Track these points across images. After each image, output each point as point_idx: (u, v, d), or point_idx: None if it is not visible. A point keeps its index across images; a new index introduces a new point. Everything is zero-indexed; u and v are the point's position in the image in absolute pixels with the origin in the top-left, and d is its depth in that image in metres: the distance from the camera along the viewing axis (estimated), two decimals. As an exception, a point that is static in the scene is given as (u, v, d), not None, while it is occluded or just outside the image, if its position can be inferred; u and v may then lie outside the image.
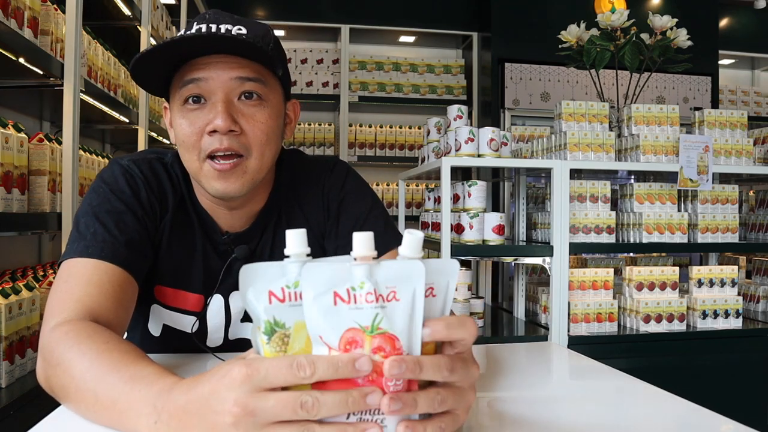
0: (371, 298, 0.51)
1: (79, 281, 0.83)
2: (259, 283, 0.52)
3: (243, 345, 1.06)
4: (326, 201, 1.07)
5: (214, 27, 0.89)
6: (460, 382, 0.55)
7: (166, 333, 1.03)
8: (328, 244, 1.06)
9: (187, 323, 1.02)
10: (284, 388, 0.51)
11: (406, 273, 0.52)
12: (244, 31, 0.90)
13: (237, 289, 1.00)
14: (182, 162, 0.97)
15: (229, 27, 0.89)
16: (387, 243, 1.01)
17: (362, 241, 0.53)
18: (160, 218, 0.98)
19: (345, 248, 1.02)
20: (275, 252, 1.04)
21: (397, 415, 0.51)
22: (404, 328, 0.52)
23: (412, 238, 0.55)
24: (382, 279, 0.52)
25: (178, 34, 0.91)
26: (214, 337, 1.04)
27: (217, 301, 1.03)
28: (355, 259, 0.53)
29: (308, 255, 0.54)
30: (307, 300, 0.51)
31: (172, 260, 1.00)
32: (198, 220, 1.02)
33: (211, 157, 0.90)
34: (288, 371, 0.50)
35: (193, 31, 0.89)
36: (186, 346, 1.00)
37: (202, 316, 1.02)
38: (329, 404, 0.49)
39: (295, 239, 0.54)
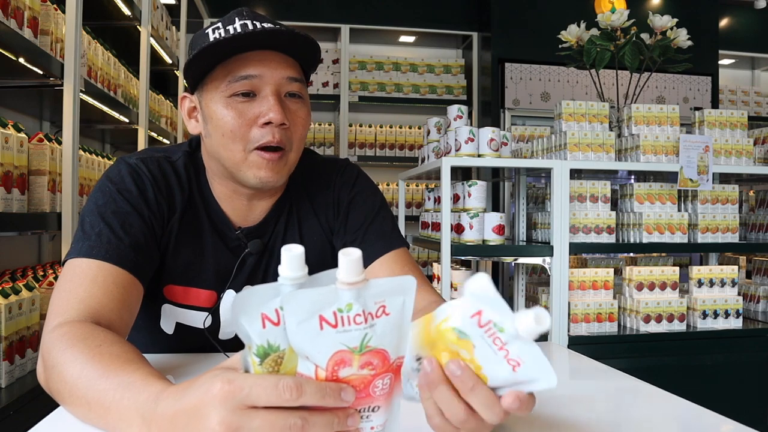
0: (360, 320, 0.49)
1: (83, 282, 0.83)
2: (251, 308, 0.49)
3: None
4: (336, 199, 1.08)
5: (258, 24, 0.89)
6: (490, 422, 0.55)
7: (180, 330, 1.03)
8: (336, 240, 1.08)
9: (199, 319, 1.02)
10: None
11: (397, 286, 0.51)
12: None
13: (249, 283, 1.03)
14: (216, 152, 0.95)
15: (271, 26, 0.90)
16: (391, 244, 1.05)
17: (350, 265, 0.49)
18: (167, 219, 0.98)
19: (352, 244, 1.04)
20: None
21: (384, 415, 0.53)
22: (393, 340, 0.51)
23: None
24: (371, 296, 0.49)
25: (214, 29, 0.90)
26: (227, 331, 1.05)
27: (230, 297, 1.03)
28: (343, 284, 0.50)
29: (305, 275, 0.51)
30: (291, 327, 0.48)
31: (182, 260, 1.00)
32: (208, 218, 1.02)
33: (258, 148, 0.93)
34: (273, 392, 0.48)
35: (237, 25, 0.89)
36: (200, 342, 1.01)
37: (214, 311, 1.03)
38: (317, 426, 0.49)
39: (291, 260, 0.50)
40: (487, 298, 0.50)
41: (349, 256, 0.49)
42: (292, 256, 0.50)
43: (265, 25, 0.90)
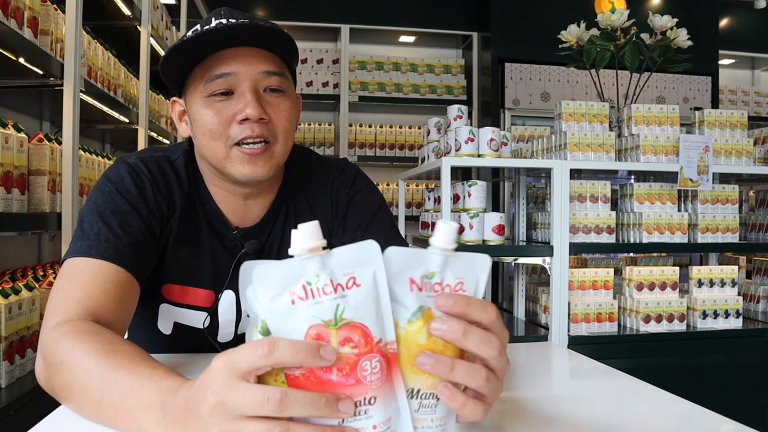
0: (329, 290, 0.49)
1: (81, 281, 0.83)
2: (259, 283, 0.50)
3: None
4: (335, 199, 1.08)
5: (234, 22, 0.89)
6: (500, 369, 0.54)
7: (177, 330, 1.03)
8: (335, 240, 1.08)
9: (198, 319, 1.02)
10: (261, 380, 0.51)
11: (362, 256, 0.50)
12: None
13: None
14: (201, 153, 0.97)
15: (247, 23, 0.90)
16: (391, 243, 1.03)
17: (307, 232, 0.49)
18: (167, 218, 0.98)
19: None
20: (284, 248, 1.06)
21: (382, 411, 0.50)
22: (371, 314, 0.49)
23: (446, 228, 0.53)
24: (337, 266, 0.49)
25: (192, 32, 0.90)
26: (226, 332, 1.05)
27: (228, 297, 1.03)
28: (305, 252, 0.50)
29: (324, 248, 0.51)
30: (263, 304, 0.49)
31: (181, 259, 1.00)
32: (206, 217, 1.02)
33: (239, 143, 0.92)
34: (251, 352, 0.49)
35: (213, 25, 0.89)
36: (198, 342, 1.01)
37: (213, 312, 1.03)
38: (299, 402, 0.48)
39: (300, 237, 0.51)
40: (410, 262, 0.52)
41: (305, 224, 0.50)
42: (301, 230, 0.51)
43: (242, 22, 0.89)
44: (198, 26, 0.91)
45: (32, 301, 1.66)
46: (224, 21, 0.89)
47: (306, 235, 0.49)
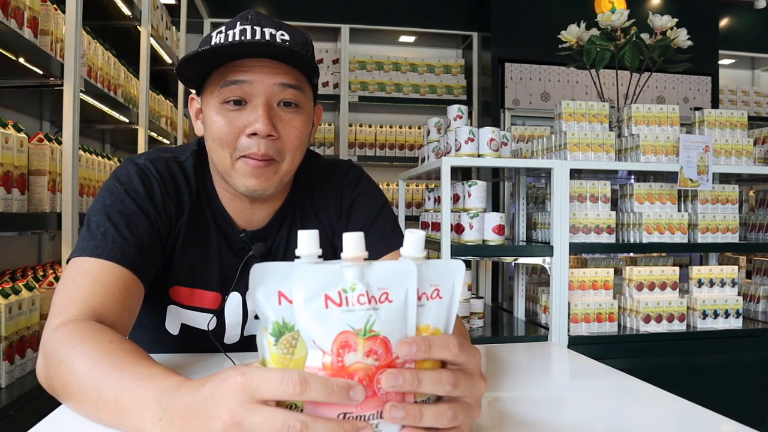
0: (363, 300, 0.50)
1: (86, 281, 0.83)
2: (268, 284, 0.51)
3: None
4: (339, 201, 1.09)
5: (258, 30, 0.89)
6: (467, 397, 0.55)
7: (185, 331, 1.04)
8: (338, 241, 1.09)
9: (203, 321, 1.03)
10: (279, 403, 0.51)
11: (398, 274, 0.52)
12: (286, 36, 0.91)
13: None
14: (209, 157, 0.98)
15: (273, 31, 0.90)
16: (393, 244, 1.05)
17: (352, 241, 0.52)
18: (175, 220, 0.98)
19: None
20: (290, 250, 1.06)
21: (396, 424, 0.51)
22: (397, 331, 0.51)
23: (414, 237, 0.54)
24: (374, 280, 0.51)
25: (217, 33, 0.91)
26: (232, 334, 1.06)
27: (234, 299, 1.04)
28: (346, 261, 0.52)
29: (319, 257, 0.54)
30: (298, 303, 0.50)
31: (188, 261, 1.00)
32: (214, 219, 1.03)
33: (245, 156, 0.92)
34: (278, 385, 0.49)
35: (237, 30, 0.90)
36: (205, 343, 1.02)
37: (219, 313, 1.03)
38: (319, 429, 0.48)
39: (308, 240, 0.53)
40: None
41: (352, 234, 0.52)
42: (309, 235, 0.53)
43: (266, 31, 0.90)
44: (223, 28, 0.92)
45: (32, 301, 1.66)
46: (248, 28, 0.89)
47: (350, 245, 0.52)
